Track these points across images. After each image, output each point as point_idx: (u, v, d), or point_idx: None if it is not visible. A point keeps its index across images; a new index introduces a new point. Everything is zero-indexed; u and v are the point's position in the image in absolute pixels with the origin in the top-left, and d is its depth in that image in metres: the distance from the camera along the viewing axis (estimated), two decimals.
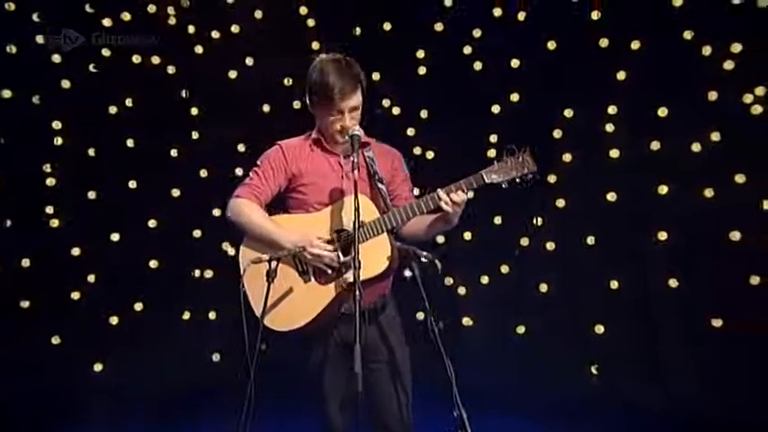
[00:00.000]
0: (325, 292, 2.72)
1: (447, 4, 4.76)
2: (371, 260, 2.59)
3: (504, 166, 2.65)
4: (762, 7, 4.15)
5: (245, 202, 2.82)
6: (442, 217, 2.69)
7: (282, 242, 2.71)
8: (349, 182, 2.77)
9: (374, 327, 2.78)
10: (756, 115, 4.18)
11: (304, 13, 4.96)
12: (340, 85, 2.68)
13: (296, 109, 4.93)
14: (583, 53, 4.48)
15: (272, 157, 2.87)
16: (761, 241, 4.20)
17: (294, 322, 2.71)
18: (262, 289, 2.63)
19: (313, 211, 2.80)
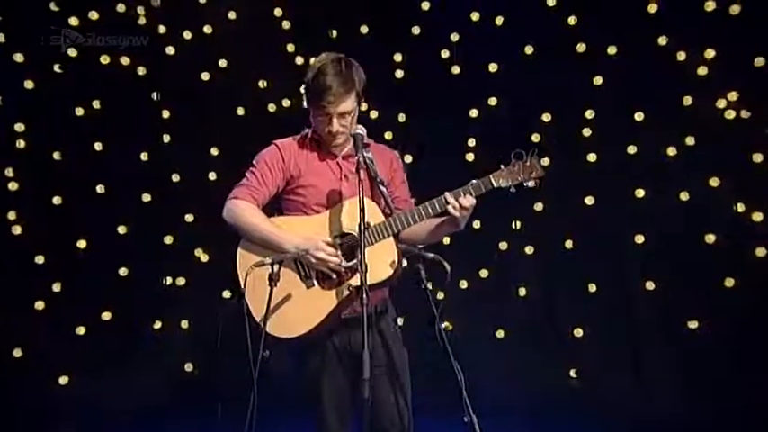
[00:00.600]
0: (329, 298, 2.62)
1: (424, 8, 4.72)
2: (377, 265, 2.51)
3: (513, 171, 2.61)
4: (733, 14, 4.21)
5: (243, 204, 2.71)
6: (449, 221, 2.63)
7: (285, 245, 2.61)
8: (349, 184, 2.70)
9: (374, 332, 2.69)
10: (729, 120, 4.25)
11: (279, 15, 4.86)
12: (332, 89, 2.60)
13: (271, 112, 4.82)
14: (560, 58, 4.49)
15: (268, 157, 2.76)
16: (735, 243, 4.26)
17: (297, 329, 2.61)
18: (263, 294, 2.52)
19: (312, 214, 2.71)
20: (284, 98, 4.82)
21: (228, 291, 2.76)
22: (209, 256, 4.78)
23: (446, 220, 2.64)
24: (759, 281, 4.23)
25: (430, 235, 2.72)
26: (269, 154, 2.75)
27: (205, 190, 4.77)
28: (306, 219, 2.68)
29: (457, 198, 2.55)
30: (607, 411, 4.35)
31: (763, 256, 4.19)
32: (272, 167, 2.70)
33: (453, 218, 2.57)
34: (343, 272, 2.59)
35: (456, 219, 2.57)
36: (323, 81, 2.59)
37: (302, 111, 4.77)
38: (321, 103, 2.62)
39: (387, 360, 2.66)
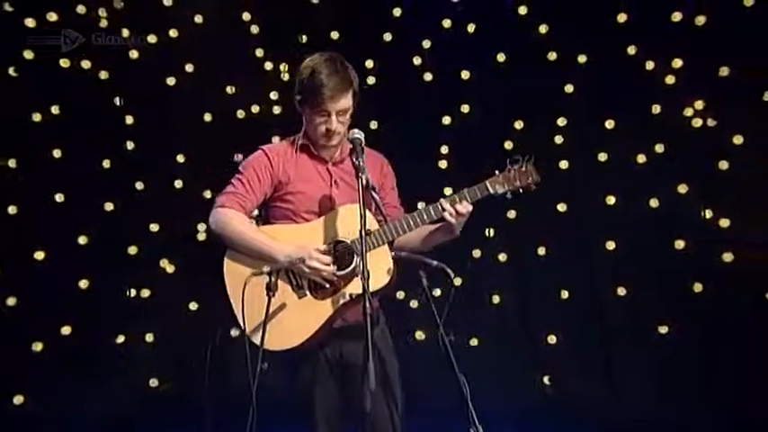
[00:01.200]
0: (323, 308, 2.54)
1: (396, 14, 4.67)
2: (373, 273, 2.43)
3: (509, 177, 2.58)
4: (699, 25, 4.29)
5: (231, 212, 2.60)
6: (443, 228, 2.58)
7: (276, 255, 2.51)
8: (339, 190, 2.62)
9: (363, 341, 2.60)
10: (697, 128, 4.32)
11: (247, 19, 4.74)
12: (331, 85, 2.55)
13: (240, 118, 4.70)
14: (532, 66, 4.50)
15: (256, 163, 2.66)
16: (703, 249, 4.33)
17: (291, 340, 2.51)
18: (254, 305, 2.41)
19: (301, 222, 2.62)
20: (253, 104, 4.70)
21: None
22: (174, 267, 4.61)
23: (441, 227, 2.59)
24: (726, 286, 4.29)
25: (423, 242, 2.66)
26: (256, 160, 2.65)
27: (170, 198, 4.61)
28: (296, 227, 2.59)
29: (453, 204, 2.50)
30: (581, 417, 4.36)
31: (730, 261, 4.25)
32: (259, 173, 2.61)
33: (448, 225, 2.52)
34: (337, 281, 2.50)
35: (452, 226, 2.52)
36: (320, 79, 2.53)
37: (272, 117, 4.76)
38: (319, 101, 2.55)
39: (381, 372, 2.58)
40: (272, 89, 4.70)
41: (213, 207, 2.68)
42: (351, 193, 2.66)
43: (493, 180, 2.59)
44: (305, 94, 2.59)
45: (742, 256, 4.27)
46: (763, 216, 4.29)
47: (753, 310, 4.23)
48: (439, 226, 2.62)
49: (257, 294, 2.44)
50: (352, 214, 2.52)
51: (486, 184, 2.58)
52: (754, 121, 4.26)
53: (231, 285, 2.58)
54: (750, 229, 4.30)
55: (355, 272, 2.52)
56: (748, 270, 4.26)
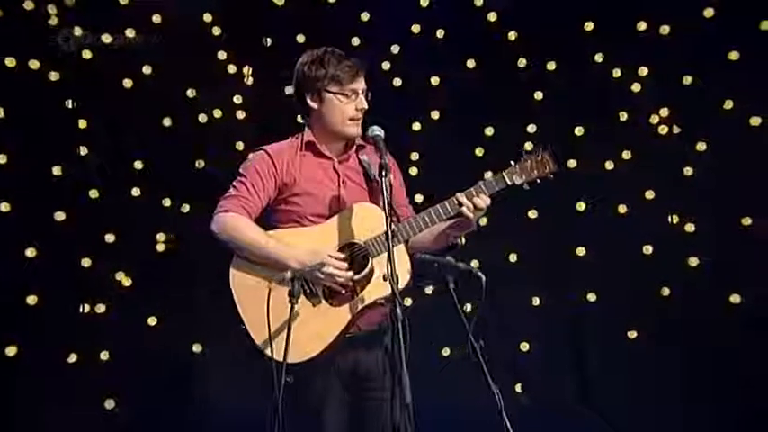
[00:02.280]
0: (340, 315, 2.38)
1: (364, 19, 4.56)
2: None
3: (526, 167, 2.50)
4: (663, 34, 4.37)
5: (236, 217, 2.42)
6: (458, 224, 2.47)
7: (288, 261, 2.35)
8: (347, 190, 2.48)
9: (377, 351, 2.47)
10: (663, 135, 4.38)
11: (209, 21, 4.53)
12: (350, 63, 2.50)
13: (202, 123, 4.48)
14: (502, 72, 4.48)
15: (258, 165, 2.50)
16: (670, 254, 4.38)
17: (308, 351, 2.34)
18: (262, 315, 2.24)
19: (309, 225, 2.46)
20: (216, 108, 4.48)
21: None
22: (132, 280, 4.33)
23: (456, 223, 2.48)
24: (692, 289, 4.35)
25: (436, 240, 2.54)
26: (258, 161, 2.49)
27: (127, 207, 4.36)
28: (307, 230, 2.43)
29: (470, 198, 2.39)
30: (553, 425, 4.32)
31: (695, 265, 4.31)
32: (263, 175, 2.45)
33: (465, 220, 2.41)
34: (354, 286, 2.36)
35: (469, 221, 2.41)
36: (336, 61, 2.49)
37: (235, 122, 4.56)
38: (345, 81, 2.49)
39: (393, 382, 2.44)
40: (236, 93, 4.51)
41: (216, 212, 2.49)
42: (359, 193, 2.54)
43: (510, 171, 2.51)
44: (323, 81, 2.44)
45: (706, 259, 4.30)
46: (723, 221, 4.35)
47: (718, 312, 4.28)
48: (453, 222, 2.50)
49: (271, 303, 2.26)
50: (367, 213, 2.40)
51: (504, 175, 2.50)
52: (716, 128, 4.35)
53: (240, 295, 2.40)
54: (713, 234, 4.36)
55: (371, 275, 2.38)
56: (713, 274, 4.32)
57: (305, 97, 2.56)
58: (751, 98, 4.30)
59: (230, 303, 4.30)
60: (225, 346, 4.37)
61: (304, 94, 2.56)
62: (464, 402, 4.00)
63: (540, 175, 2.52)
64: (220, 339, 4.40)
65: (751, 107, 4.29)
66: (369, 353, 2.47)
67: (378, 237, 2.41)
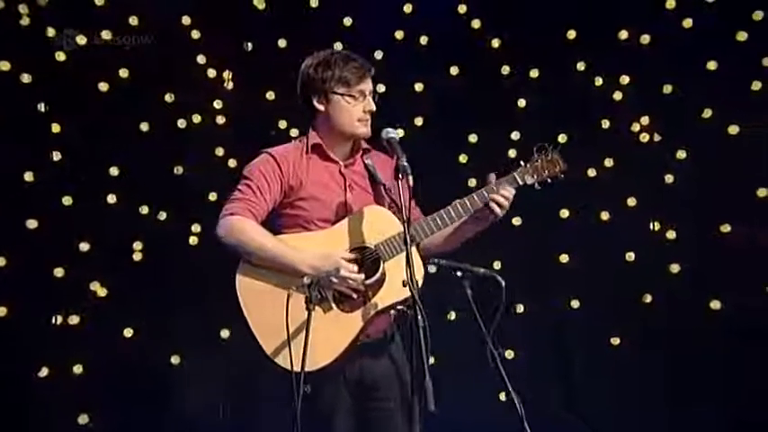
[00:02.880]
0: (352, 321, 2.30)
1: (347, 24, 4.50)
2: (400, 280, 2.23)
3: (537, 167, 2.47)
4: (644, 44, 4.41)
5: (243, 220, 2.33)
6: (474, 223, 2.41)
7: (299, 266, 2.26)
8: (353, 195, 2.41)
9: (385, 360, 2.40)
10: (644, 143, 4.41)
11: (187, 24, 4.40)
12: (357, 66, 2.47)
13: (181, 128, 4.35)
14: (485, 79, 4.46)
15: (263, 167, 2.42)
16: (652, 261, 4.40)
17: (319, 360, 2.25)
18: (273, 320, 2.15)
19: (315, 229, 2.38)
20: (195, 113, 4.36)
21: None
22: (107, 290, 4.17)
23: (469, 222, 2.41)
24: (673, 296, 4.38)
25: (446, 241, 2.48)
26: (263, 164, 2.41)
27: (103, 215, 4.20)
28: (313, 234, 2.35)
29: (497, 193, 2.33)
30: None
31: (676, 272, 4.33)
32: (268, 178, 2.36)
33: (481, 218, 2.35)
34: (366, 291, 2.28)
35: (485, 218, 2.35)
36: (342, 63, 2.45)
37: (215, 127, 4.44)
38: (352, 80, 2.45)
39: (400, 392, 2.38)
40: (216, 98, 4.39)
41: (221, 216, 2.39)
42: (365, 198, 2.49)
43: (521, 171, 2.47)
44: (331, 82, 2.38)
45: (687, 266, 4.33)
46: (703, 228, 4.39)
47: (699, 319, 4.31)
48: (467, 220, 2.47)
49: (278, 310, 2.17)
50: (377, 217, 2.33)
51: (515, 175, 2.46)
52: (695, 136, 4.40)
53: (247, 301, 2.30)
54: (694, 240, 4.39)
55: (383, 279, 2.31)
56: (693, 280, 4.35)
57: (311, 99, 2.50)
58: (729, 107, 4.35)
59: (213, 313, 4.23)
60: (204, 357, 4.24)
61: (310, 96, 2.50)
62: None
63: (551, 174, 2.49)
64: (199, 351, 4.27)
65: (729, 116, 4.34)
66: (375, 362, 2.40)
67: (389, 240, 2.35)
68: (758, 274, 4.31)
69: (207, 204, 4.29)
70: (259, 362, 3.86)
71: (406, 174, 2.24)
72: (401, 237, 2.34)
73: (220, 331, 4.28)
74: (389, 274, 2.34)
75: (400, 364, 2.47)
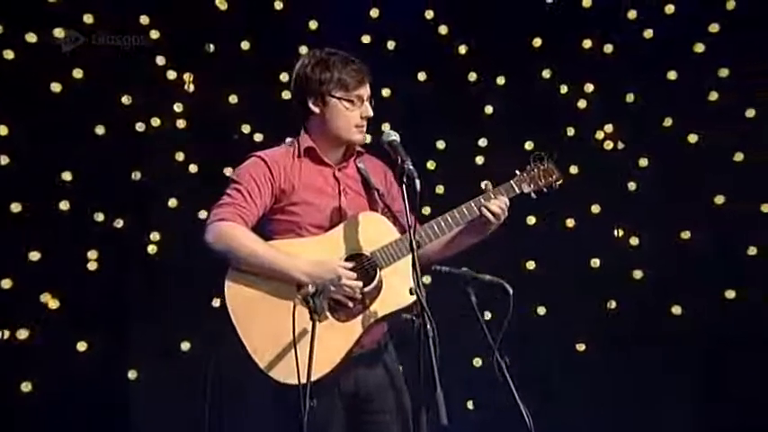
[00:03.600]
0: (349, 331, 2.18)
1: (312, 27, 4.38)
2: (403, 287, 2.13)
3: (533, 176, 2.41)
4: (608, 53, 4.44)
5: (234, 226, 2.18)
6: (471, 231, 2.33)
7: (293, 272, 2.13)
8: (347, 200, 2.30)
9: (379, 371, 2.30)
10: (608, 150, 4.43)
11: (146, 23, 4.20)
12: (356, 69, 2.38)
13: (139, 132, 4.13)
14: (453, 86, 4.41)
15: (254, 171, 2.29)
16: (616, 267, 4.42)
17: (315, 371, 2.11)
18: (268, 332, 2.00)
19: (308, 235, 2.25)
20: (154, 116, 4.15)
21: None
22: (59, 302, 3.91)
23: (465, 231, 2.33)
24: (636, 302, 4.41)
25: (442, 250, 2.41)
26: (253, 167, 2.28)
27: (55, 222, 3.94)
28: (307, 241, 2.23)
29: (490, 201, 2.26)
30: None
31: (639, 278, 4.37)
32: (259, 182, 2.23)
33: (479, 226, 2.27)
34: (363, 299, 2.16)
35: (485, 226, 2.26)
36: (341, 65, 2.34)
37: (176, 131, 4.24)
38: (352, 85, 2.36)
39: (396, 403, 2.27)
40: (176, 101, 4.20)
41: (208, 221, 2.24)
42: (360, 203, 2.38)
43: (518, 179, 2.42)
44: (327, 85, 2.26)
45: (650, 272, 4.36)
46: (665, 234, 4.44)
47: (661, 324, 4.35)
48: (463, 229, 2.40)
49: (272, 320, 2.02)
50: (372, 223, 2.22)
51: (512, 183, 2.40)
52: (657, 145, 4.45)
53: (237, 312, 2.14)
54: (656, 247, 4.43)
55: (381, 287, 2.20)
56: (656, 286, 4.39)
57: (306, 101, 2.36)
58: (688, 116, 4.42)
59: (173, 325, 4.02)
60: (163, 372, 4.03)
61: (305, 97, 2.37)
62: None
63: (547, 183, 2.44)
64: (158, 365, 4.06)
65: (688, 124, 4.40)
66: (370, 373, 2.30)
67: (386, 247, 2.25)
68: (717, 280, 4.35)
69: (166, 211, 4.10)
70: (222, 376, 3.74)
71: (413, 178, 2.12)
72: (399, 244, 2.25)
73: (180, 344, 4.07)
74: (387, 282, 2.24)
75: (395, 374, 2.38)
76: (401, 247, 2.30)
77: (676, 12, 4.39)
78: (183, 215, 4.11)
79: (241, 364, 2.25)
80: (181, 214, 4.14)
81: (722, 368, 4.32)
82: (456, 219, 2.34)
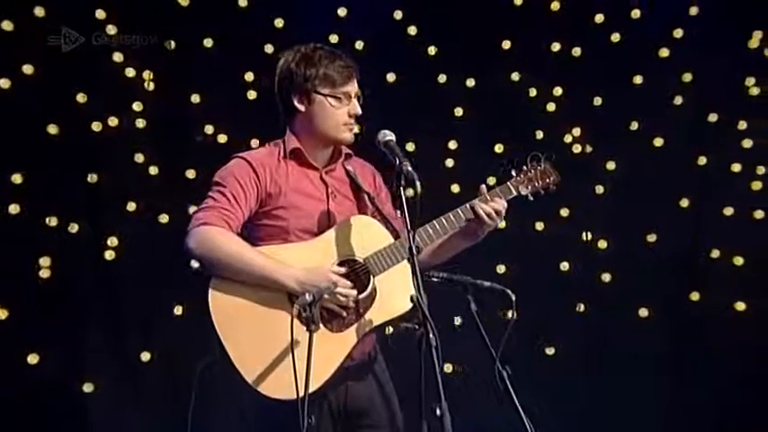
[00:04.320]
0: (342, 342, 2.03)
1: (278, 25, 4.20)
2: (398, 294, 1.99)
3: (530, 177, 2.30)
4: (576, 56, 4.40)
5: (219, 231, 2.01)
6: (466, 235, 2.20)
7: (286, 281, 1.97)
8: (336, 203, 2.16)
9: (370, 383, 2.15)
10: (576, 153, 4.39)
11: (102, 18, 3.95)
12: (343, 64, 2.22)
13: (95, 131, 3.89)
14: (422, 87, 4.30)
15: (238, 172, 2.13)
16: (584, 270, 4.38)
17: None
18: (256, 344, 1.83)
19: (296, 241, 2.08)
20: (112, 116, 3.91)
21: None
22: (8, 312, 3.66)
23: (460, 234, 2.20)
24: (605, 305, 4.37)
25: (434, 254, 2.36)
26: (238, 169, 2.11)
27: (3, 227, 3.69)
28: (296, 246, 2.06)
29: (487, 203, 2.14)
30: None
31: (607, 281, 4.34)
32: (244, 185, 2.07)
33: (474, 229, 2.14)
34: (357, 307, 2.02)
35: (480, 229, 2.14)
36: (328, 60, 2.21)
37: (135, 131, 4.01)
38: (338, 80, 2.22)
39: (388, 416, 2.14)
40: (135, 100, 3.96)
41: (190, 226, 2.05)
42: (349, 207, 2.24)
43: (515, 181, 2.33)
44: (312, 82, 2.11)
45: (618, 275, 4.33)
46: (631, 237, 4.43)
47: (629, 326, 4.32)
48: (457, 233, 2.31)
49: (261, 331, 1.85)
50: (364, 227, 2.08)
51: (509, 185, 2.29)
52: (624, 148, 4.42)
53: (222, 323, 1.97)
54: (624, 250, 4.41)
55: (375, 295, 2.05)
56: (624, 289, 4.37)
57: (291, 98, 2.20)
58: (654, 120, 4.41)
59: (131, 334, 3.78)
60: (121, 384, 3.79)
61: (290, 94, 2.21)
62: None
63: (544, 186, 2.33)
64: (116, 377, 3.81)
65: (654, 128, 4.40)
66: (361, 386, 2.18)
67: (380, 253, 2.10)
68: (682, 283, 4.35)
69: (125, 215, 3.87)
70: (187, 388, 3.52)
71: (413, 180, 1.98)
72: (393, 249, 2.10)
73: (140, 354, 3.83)
74: (381, 290, 2.09)
75: (386, 387, 2.25)
76: (395, 252, 2.16)
77: (642, 16, 4.36)
78: (142, 219, 3.90)
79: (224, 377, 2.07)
80: (140, 218, 3.92)
81: (688, 369, 4.30)
82: (451, 221, 2.21)
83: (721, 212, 4.40)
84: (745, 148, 4.41)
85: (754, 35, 4.36)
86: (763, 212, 4.37)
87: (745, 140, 4.41)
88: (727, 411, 4.20)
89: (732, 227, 4.38)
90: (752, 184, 4.39)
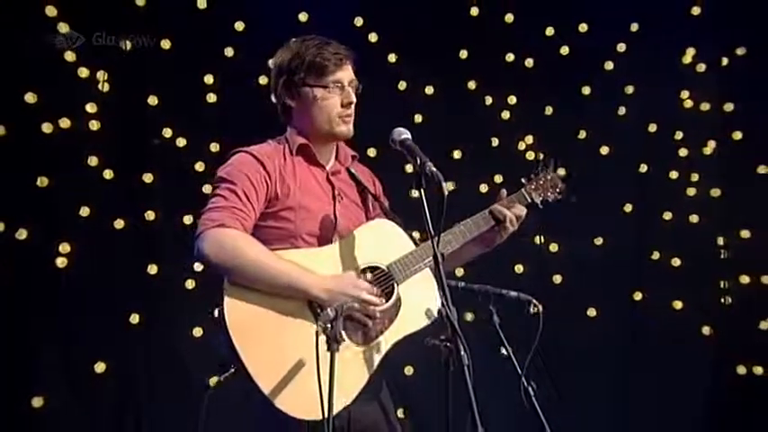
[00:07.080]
0: (370, 355, 1.81)
1: (238, 28, 3.96)
2: (425, 304, 1.79)
3: (541, 185, 2.18)
4: (528, 67, 4.36)
5: (237, 233, 1.76)
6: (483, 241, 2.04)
7: (311, 290, 1.75)
8: (342, 207, 1.95)
9: (374, 404, 1.97)
10: (529, 161, 4.33)
11: (53, 15, 3.61)
12: (333, 51, 2.02)
13: (46, 133, 3.53)
14: (382, 94, 4.14)
15: (247, 169, 1.88)
16: (538, 272, 4.34)
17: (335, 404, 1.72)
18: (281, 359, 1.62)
19: (304, 245, 1.86)
20: (63, 117, 3.57)
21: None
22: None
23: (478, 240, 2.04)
24: (557, 306, 4.32)
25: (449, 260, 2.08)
26: (245, 164, 1.87)
27: None
28: (316, 252, 1.84)
29: (510, 209, 1.98)
30: None
31: (558, 282, 4.31)
32: (254, 181, 1.84)
33: (492, 235, 1.97)
34: (379, 318, 1.81)
35: (497, 235, 1.97)
36: (315, 49, 2.03)
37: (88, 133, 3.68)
38: (326, 67, 2.01)
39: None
40: (89, 101, 3.63)
41: (202, 229, 1.77)
42: (354, 210, 2.05)
43: (528, 189, 2.17)
44: (304, 72, 1.90)
45: (567, 276, 4.33)
46: (580, 241, 4.41)
47: (578, 327, 4.30)
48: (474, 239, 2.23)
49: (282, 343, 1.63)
50: (385, 232, 1.88)
51: (523, 192, 2.14)
52: (573, 156, 4.39)
53: (240, 335, 1.72)
54: (573, 253, 4.39)
55: (399, 305, 1.85)
56: (573, 289, 4.35)
57: (283, 96, 1.96)
58: (600, 129, 4.42)
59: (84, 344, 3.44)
60: (74, 397, 3.45)
61: (283, 92, 1.99)
62: None
63: (554, 196, 2.22)
64: (68, 390, 3.46)
65: (600, 138, 4.40)
66: (365, 407, 1.97)
67: (402, 260, 1.90)
68: (626, 283, 4.36)
69: (78, 221, 3.54)
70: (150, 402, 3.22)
71: (439, 182, 1.79)
72: (416, 255, 1.90)
73: (94, 365, 3.50)
74: (405, 299, 1.89)
75: (388, 407, 2.05)
76: (419, 259, 1.95)
77: (589, 30, 4.36)
78: (96, 225, 3.57)
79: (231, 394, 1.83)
80: (94, 224, 3.59)
81: (634, 366, 4.32)
82: (470, 227, 2.05)
83: (661, 217, 4.43)
84: (682, 156, 4.46)
85: (688, 52, 4.42)
86: (698, 216, 4.43)
87: (681, 149, 4.46)
88: (669, 400, 4.23)
89: (671, 230, 4.42)
90: (687, 190, 4.45)
